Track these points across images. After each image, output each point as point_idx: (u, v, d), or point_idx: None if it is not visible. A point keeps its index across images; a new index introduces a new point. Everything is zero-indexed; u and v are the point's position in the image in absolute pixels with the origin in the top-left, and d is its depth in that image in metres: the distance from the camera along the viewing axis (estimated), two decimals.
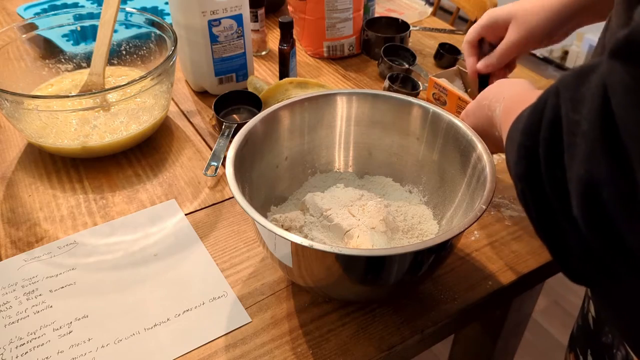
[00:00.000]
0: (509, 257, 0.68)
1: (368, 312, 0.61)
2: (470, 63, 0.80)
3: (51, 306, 0.62)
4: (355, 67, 1.08)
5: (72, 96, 0.81)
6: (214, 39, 0.90)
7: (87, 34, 0.97)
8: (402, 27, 1.13)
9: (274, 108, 0.66)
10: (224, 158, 0.80)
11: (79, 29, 0.97)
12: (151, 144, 0.87)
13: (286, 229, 0.60)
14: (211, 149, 0.85)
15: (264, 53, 1.11)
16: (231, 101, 0.90)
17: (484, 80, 0.80)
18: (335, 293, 0.61)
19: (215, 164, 0.79)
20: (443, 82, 0.88)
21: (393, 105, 0.69)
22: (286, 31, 0.94)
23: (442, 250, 0.55)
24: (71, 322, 0.60)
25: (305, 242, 0.49)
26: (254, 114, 0.70)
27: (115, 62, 0.97)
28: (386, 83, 0.94)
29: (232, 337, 0.59)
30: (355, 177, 0.73)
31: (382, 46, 1.04)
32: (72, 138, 0.80)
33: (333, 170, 0.74)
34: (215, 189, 0.78)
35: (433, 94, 0.89)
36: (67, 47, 0.97)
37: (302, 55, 1.11)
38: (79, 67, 0.96)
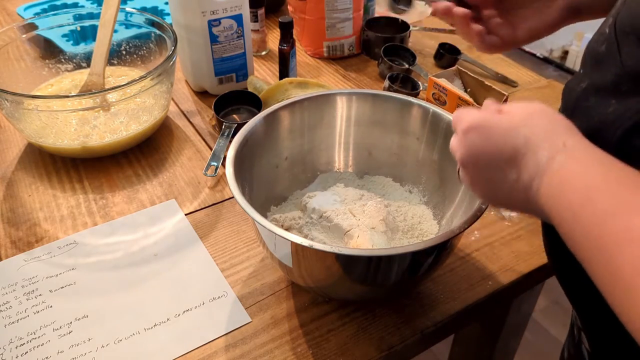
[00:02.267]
0: (509, 257, 0.68)
1: (368, 312, 0.61)
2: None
3: (51, 306, 0.62)
4: (355, 67, 1.08)
5: (72, 96, 0.81)
6: (214, 39, 0.90)
7: (87, 34, 0.97)
8: (402, 27, 1.13)
9: (274, 108, 0.66)
10: (224, 158, 0.80)
11: (79, 29, 0.97)
12: (151, 144, 0.87)
13: (286, 229, 0.60)
14: (211, 149, 0.85)
15: (264, 53, 1.11)
16: (231, 101, 0.90)
17: None
18: (335, 293, 0.61)
19: (215, 164, 0.79)
20: (443, 82, 0.88)
21: (393, 105, 0.69)
22: (286, 31, 0.94)
23: (442, 250, 0.55)
24: (71, 322, 0.60)
25: (305, 242, 0.49)
26: (254, 114, 0.70)
27: (115, 62, 0.97)
28: (386, 83, 0.94)
29: (232, 337, 0.59)
30: (355, 177, 0.73)
31: (382, 46, 1.04)
32: (72, 138, 0.80)
33: (333, 170, 0.74)
34: (215, 189, 0.78)
35: (433, 94, 0.90)
36: (67, 47, 0.97)
37: (302, 55, 1.11)
38: (79, 67, 0.96)
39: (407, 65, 1.03)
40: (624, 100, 0.41)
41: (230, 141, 0.66)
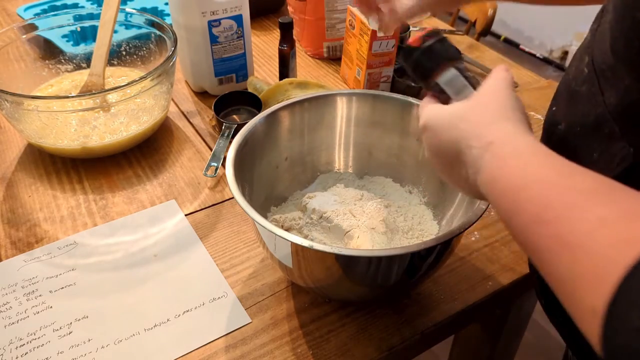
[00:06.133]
0: (509, 257, 0.68)
1: (368, 312, 0.61)
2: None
3: (51, 307, 0.62)
4: None
5: (72, 97, 0.81)
6: (213, 39, 0.90)
7: (87, 35, 0.97)
8: (402, 27, 1.12)
9: (274, 109, 0.66)
10: (224, 158, 0.80)
11: (78, 29, 0.97)
12: (151, 144, 0.87)
13: (286, 230, 0.60)
14: (211, 150, 0.85)
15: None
16: (231, 102, 0.90)
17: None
18: (335, 293, 0.61)
19: (215, 164, 0.79)
20: (355, 10, 0.92)
21: (393, 106, 0.69)
22: (286, 32, 0.94)
23: (442, 251, 0.55)
24: (71, 323, 0.60)
25: (305, 243, 0.49)
26: (254, 115, 0.70)
27: (115, 62, 0.97)
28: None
29: (232, 337, 0.59)
30: (355, 178, 0.73)
31: None
32: (72, 139, 0.80)
33: (333, 170, 0.74)
34: (215, 190, 0.78)
35: (349, 20, 0.93)
36: (67, 47, 0.97)
37: (302, 56, 1.11)
38: (79, 67, 0.96)
39: None
40: (607, 144, 0.40)
41: (230, 142, 0.66)
